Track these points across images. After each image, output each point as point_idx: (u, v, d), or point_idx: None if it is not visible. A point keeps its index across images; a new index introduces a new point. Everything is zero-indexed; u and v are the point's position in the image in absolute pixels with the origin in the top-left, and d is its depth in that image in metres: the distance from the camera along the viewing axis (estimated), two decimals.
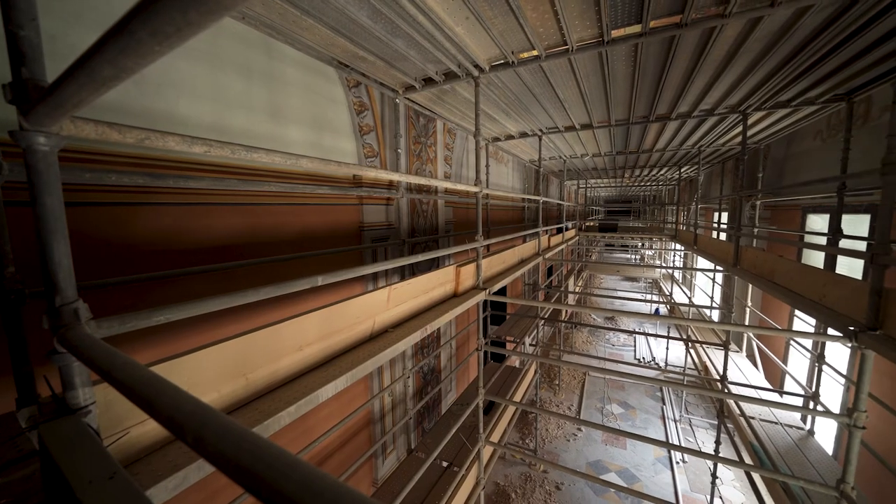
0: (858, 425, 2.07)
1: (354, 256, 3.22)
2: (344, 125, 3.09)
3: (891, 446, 3.37)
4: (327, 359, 1.59)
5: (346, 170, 1.55)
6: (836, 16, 2.28)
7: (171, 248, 1.89)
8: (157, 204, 1.83)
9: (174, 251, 1.90)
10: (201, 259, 2.01)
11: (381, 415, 3.73)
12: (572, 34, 2.49)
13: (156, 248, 1.83)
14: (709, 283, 9.78)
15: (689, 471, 6.20)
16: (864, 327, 1.97)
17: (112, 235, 1.67)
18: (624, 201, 27.74)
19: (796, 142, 5.63)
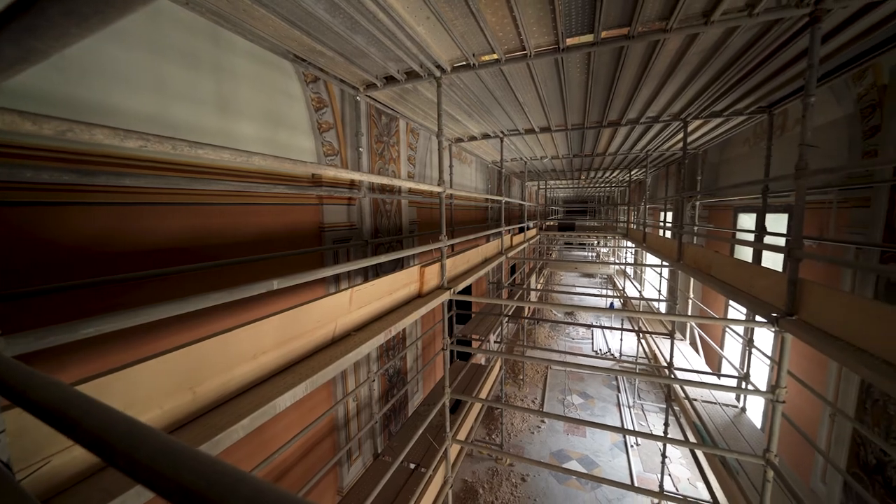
0: (780, 400, 2.34)
1: (315, 258, 3.10)
2: (301, 122, 2.97)
3: (806, 417, 3.83)
4: (286, 366, 1.51)
5: (304, 168, 1.49)
6: (759, 37, 2.55)
7: (107, 252, 1.71)
8: (89, 204, 1.65)
9: (111, 255, 1.72)
10: (143, 263, 1.84)
11: (346, 421, 3.63)
12: (530, 40, 2.57)
13: (89, 252, 1.64)
14: (657, 277, 10.56)
15: (642, 453, 6.66)
16: (784, 313, 2.22)
17: (33, 239, 1.48)
18: (581, 202, 29.16)
19: (728, 148, 6.23)
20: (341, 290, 1.85)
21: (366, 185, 3.53)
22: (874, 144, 3.03)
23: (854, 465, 3.11)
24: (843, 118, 3.38)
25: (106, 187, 1.69)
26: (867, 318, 1.66)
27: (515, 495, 5.69)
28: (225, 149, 1.10)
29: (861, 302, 1.73)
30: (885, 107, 2.91)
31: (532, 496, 5.67)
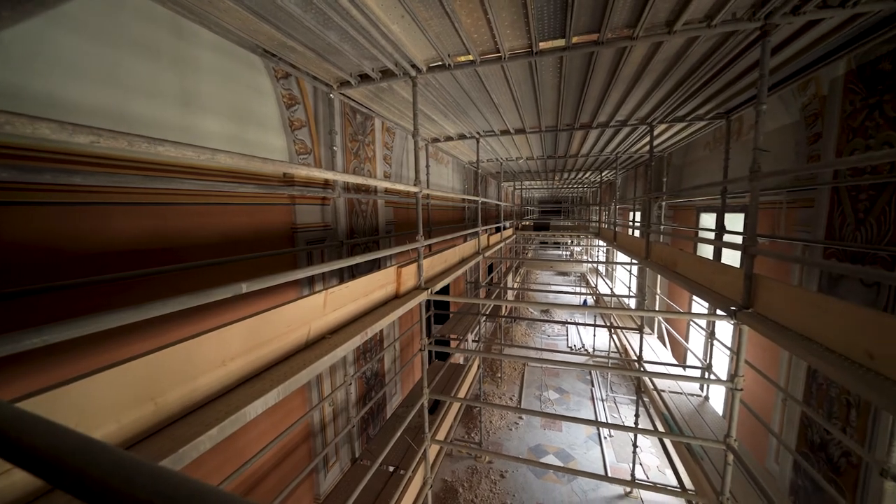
0: (738, 388, 2.50)
1: (287, 260, 3.01)
2: (272, 119, 2.87)
3: (762, 402, 4.10)
4: (256, 372, 1.46)
5: (274, 167, 1.44)
6: (717, 47, 2.71)
7: (58, 256, 1.58)
8: (33, 203, 1.52)
9: (62, 258, 1.59)
10: (97, 268, 1.72)
11: (322, 426, 3.54)
12: (504, 42, 2.61)
13: (35, 256, 1.51)
14: (627, 274, 10.99)
15: (615, 444, 6.91)
16: (741, 307, 2.37)
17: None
18: (555, 202, 29.92)
19: (691, 151, 6.58)
20: (315, 293, 1.81)
21: (340, 185, 3.46)
22: (817, 150, 3.29)
23: (803, 444, 3.37)
24: (791, 125, 3.65)
25: (53, 186, 1.57)
26: (812, 310, 1.80)
27: (495, 492, 5.75)
28: (187, 146, 1.04)
29: (807, 295, 1.88)
30: (825, 116, 3.17)
31: (511, 492, 5.76)
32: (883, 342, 1.40)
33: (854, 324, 1.55)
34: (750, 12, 2.22)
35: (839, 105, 3.02)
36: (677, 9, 2.18)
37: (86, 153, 1.67)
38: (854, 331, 1.54)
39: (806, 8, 2.13)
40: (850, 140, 2.92)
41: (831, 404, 3.02)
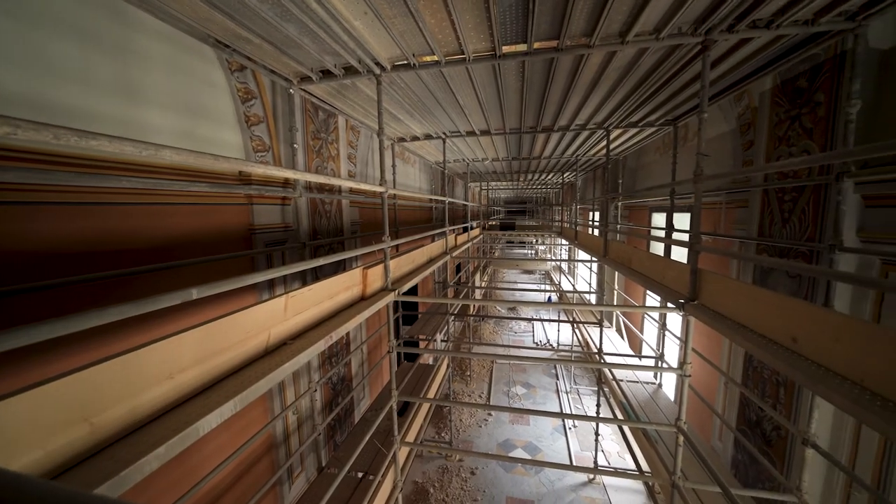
0: (686, 374, 2.70)
1: (244, 263, 2.85)
2: (225, 114, 2.70)
3: (707, 386, 4.47)
4: (210, 383, 1.37)
5: (228, 165, 1.36)
6: (664, 58, 2.91)
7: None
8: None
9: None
10: (20, 275, 1.53)
11: (286, 436, 3.39)
12: (468, 45, 2.64)
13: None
14: (587, 271, 11.52)
15: (578, 434, 7.21)
16: (688, 299, 2.57)
17: None
18: (521, 202, 30.73)
19: (644, 155, 7.02)
20: (275, 297, 1.72)
21: (302, 185, 3.33)
22: (751, 155, 3.64)
23: (742, 422, 3.70)
24: (729, 132, 4.01)
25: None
26: (746, 300, 1.99)
27: (465, 489, 5.80)
28: (125, 140, 0.95)
29: (742, 287, 2.07)
30: (756, 125, 3.51)
31: (481, 488, 5.84)
32: (803, 327, 1.57)
33: (780, 311, 1.73)
34: (692, 28, 2.41)
35: (768, 116, 3.35)
36: (629, 20, 2.32)
37: (5, 146, 1.48)
38: (780, 318, 1.72)
39: (739, 27, 2.35)
40: (777, 147, 3.25)
41: (764, 385, 3.35)
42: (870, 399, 1.20)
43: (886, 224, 2.35)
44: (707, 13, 2.25)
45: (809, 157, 1.60)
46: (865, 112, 2.39)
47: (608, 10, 2.15)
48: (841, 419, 2.65)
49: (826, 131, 2.72)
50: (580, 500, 5.57)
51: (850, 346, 1.35)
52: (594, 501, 5.54)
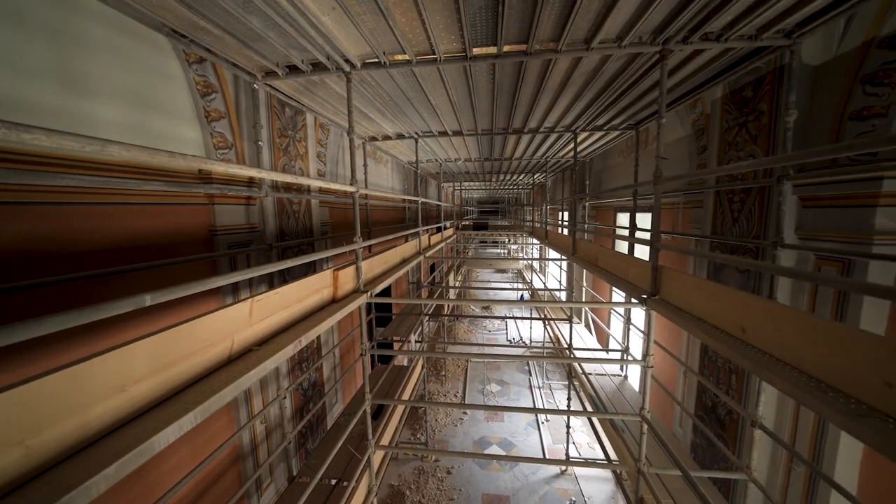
0: (649, 365, 2.85)
1: (205, 266, 2.70)
2: (183, 108, 2.55)
3: (668, 376, 4.73)
4: (168, 395, 1.28)
5: (185, 162, 1.28)
6: (626, 65, 3.05)
7: None
8: None
9: None
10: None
11: (253, 446, 3.25)
12: (439, 45, 2.64)
13: None
14: (557, 270, 11.87)
15: (551, 427, 7.42)
16: (650, 294, 2.70)
17: None
18: (493, 202, 31.18)
19: (609, 157, 7.34)
20: (240, 301, 1.64)
21: (268, 184, 3.20)
22: (705, 159, 3.89)
23: (699, 408, 3.96)
24: (685, 137, 4.27)
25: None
26: (701, 294, 2.12)
27: (441, 489, 5.81)
28: (66, 134, 0.87)
29: (698, 282, 2.21)
30: (709, 131, 3.76)
31: (457, 486, 5.86)
32: (751, 318, 1.70)
33: (731, 304, 1.86)
34: (651, 38, 2.54)
35: (719, 122, 3.60)
36: (594, 28, 2.41)
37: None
38: (731, 310, 1.85)
39: (692, 38, 2.51)
40: (727, 152, 3.50)
41: (719, 372, 3.60)
42: (806, 381, 1.32)
43: (820, 222, 2.60)
44: (664, 24, 2.38)
45: (754, 161, 1.73)
46: (801, 121, 2.62)
47: (574, 17, 2.22)
48: (784, 401, 2.90)
49: (769, 137, 2.96)
50: (553, 492, 5.73)
51: (789, 334, 1.47)
52: (567, 492, 5.72)
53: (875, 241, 2.23)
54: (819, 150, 1.33)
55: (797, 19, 2.31)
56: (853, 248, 2.35)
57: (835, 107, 2.44)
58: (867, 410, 1.12)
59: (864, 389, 1.17)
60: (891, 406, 1.08)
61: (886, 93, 2.16)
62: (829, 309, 2.52)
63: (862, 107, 2.28)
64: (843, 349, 1.25)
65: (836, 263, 2.50)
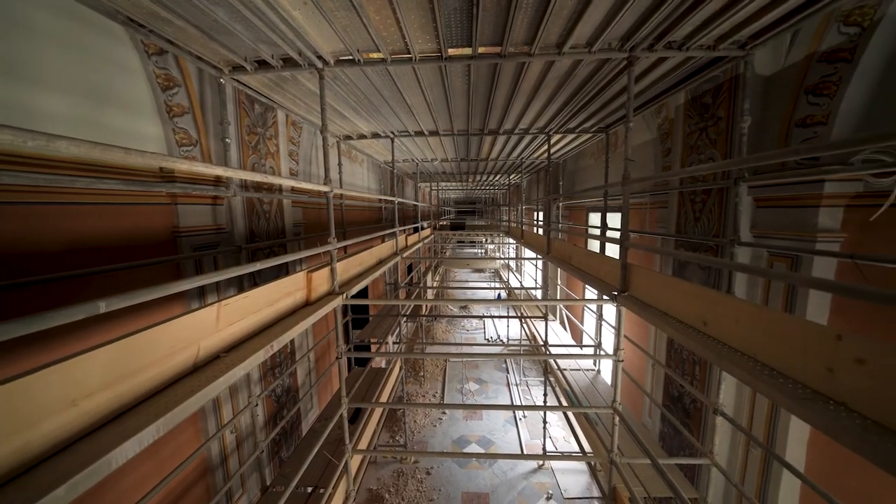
0: (620, 359, 2.96)
1: (168, 270, 2.56)
2: (141, 102, 2.40)
3: (638, 369, 4.94)
4: (126, 407, 1.20)
5: (144, 160, 1.20)
6: (596, 71, 3.16)
7: None
8: None
9: None
10: None
11: (223, 457, 3.11)
12: (414, 44, 2.63)
13: None
14: (533, 268, 12.11)
15: (528, 423, 7.55)
16: (620, 291, 2.81)
17: None
18: (470, 202, 31.37)
19: (581, 159, 7.56)
20: (207, 306, 1.57)
21: (236, 183, 3.07)
22: (669, 161, 4.09)
23: (666, 399, 4.16)
24: (651, 141, 4.47)
25: None
26: (667, 290, 2.23)
27: (421, 490, 5.78)
28: (5, 128, 0.80)
29: (664, 278, 2.32)
30: (673, 135, 3.96)
31: (437, 487, 5.86)
32: (712, 312, 1.81)
33: (694, 299, 1.96)
34: (619, 44, 2.64)
35: (682, 127, 3.80)
36: (565, 33, 2.48)
37: None
38: (694, 304, 1.95)
39: (657, 46, 2.63)
40: (689, 155, 3.70)
41: (684, 364, 3.79)
42: (760, 370, 1.41)
43: (772, 222, 2.79)
44: (631, 32, 2.48)
45: (713, 164, 1.84)
46: (755, 127, 2.81)
47: (546, 21, 2.28)
48: (742, 389, 3.09)
49: (727, 142, 3.15)
50: (531, 487, 5.84)
51: (746, 326, 1.58)
52: (544, 486, 5.84)
53: (818, 239, 2.42)
54: (768, 154, 1.43)
55: (750, 32, 2.47)
56: (800, 245, 2.54)
57: (783, 114, 2.63)
58: (812, 394, 1.21)
59: (809, 375, 1.26)
60: (832, 390, 1.18)
61: (826, 103, 2.35)
62: (780, 301, 2.71)
63: (806, 115, 2.47)
64: (791, 339, 1.35)
65: (786, 259, 2.69)
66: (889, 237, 2.16)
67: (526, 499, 5.60)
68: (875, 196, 2.19)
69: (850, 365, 1.13)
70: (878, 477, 2.18)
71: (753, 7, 2.18)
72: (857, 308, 2.33)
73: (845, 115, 2.28)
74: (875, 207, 2.17)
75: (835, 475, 2.47)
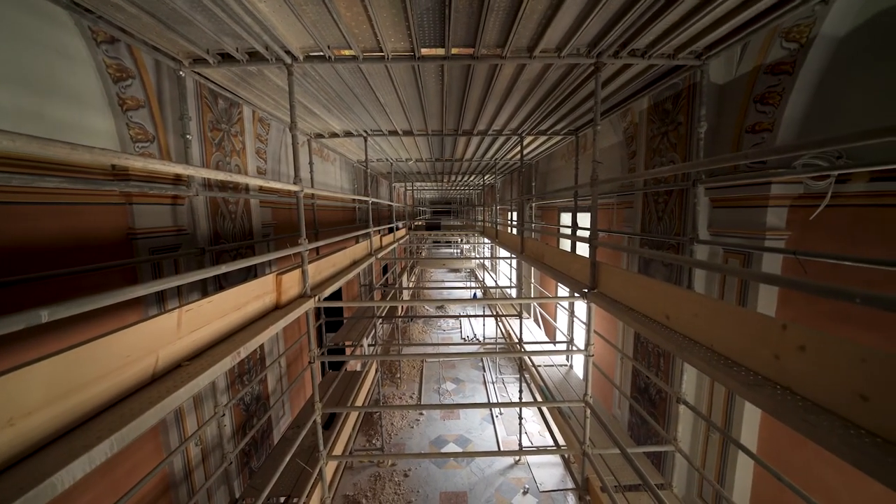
0: (591, 354, 3.06)
1: (123, 275, 2.39)
2: (90, 93, 2.23)
3: (608, 363, 5.13)
4: (75, 423, 1.11)
5: (92, 156, 1.11)
6: (566, 75, 3.25)
7: None
8: None
9: None
10: None
11: (188, 472, 2.94)
12: (387, 43, 2.60)
13: None
14: (508, 268, 12.31)
15: (505, 420, 7.67)
16: (589, 288, 2.91)
17: None
18: (446, 203, 31.42)
19: (553, 160, 7.76)
20: (165, 312, 1.48)
21: (198, 181, 2.92)
22: (634, 164, 4.28)
23: (634, 390, 4.35)
24: (617, 143, 4.66)
25: None
26: (633, 287, 2.34)
27: (399, 493, 5.73)
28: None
29: (630, 275, 2.42)
30: (637, 138, 4.15)
31: (415, 488, 5.83)
32: (674, 306, 1.91)
33: (657, 295, 2.07)
34: (587, 50, 2.74)
35: (645, 131, 3.98)
36: (536, 37, 2.54)
37: None
38: (657, 300, 2.06)
39: (622, 54, 2.74)
40: (653, 158, 3.89)
41: (649, 357, 3.98)
42: (717, 359, 1.51)
43: (727, 221, 2.98)
44: (598, 38, 2.57)
45: (673, 167, 1.95)
46: (711, 132, 3.00)
47: (517, 25, 2.32)
48: (702, 378, 3.29)
49: (686, 146, 3.34)
50: (508, 483, 5.94)
51: (704, 319, 1.68)
52: (520, 481, 5.95)
53: (767, 236, 2.62)
54: (722, 157, 1.53)
55: (704, 43, 2.63)
56: (751, 242, 2.74)
57: (735, 121, 2.82)
58: (761, 380, 1.31)
59: (759, 362, 1.36)
60: (778, 375, 1.28)
61: (772, 111, 2.55)
62: (734, 295, 2.90)
63: (755, 122, 2.67)
64: (743, 329, 1.45)
65: (739, 256, 2.89)
66: (826, 235, 2.38)
67: (503, 495, 5.69)
68: (814, 197, 2.40)
69: (793, 352, 1.22)
70: (818, 452, 2.39)
71: (707, 20, 2.33)
72: (801, 300, 2.54)
73: (789, 123, 2.48)
74: (814, 208, 2.37)
75: (782, 453, 2.68)
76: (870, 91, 2.12)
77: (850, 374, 1.05)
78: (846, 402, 1.06)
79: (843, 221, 2.27)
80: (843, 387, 1.07)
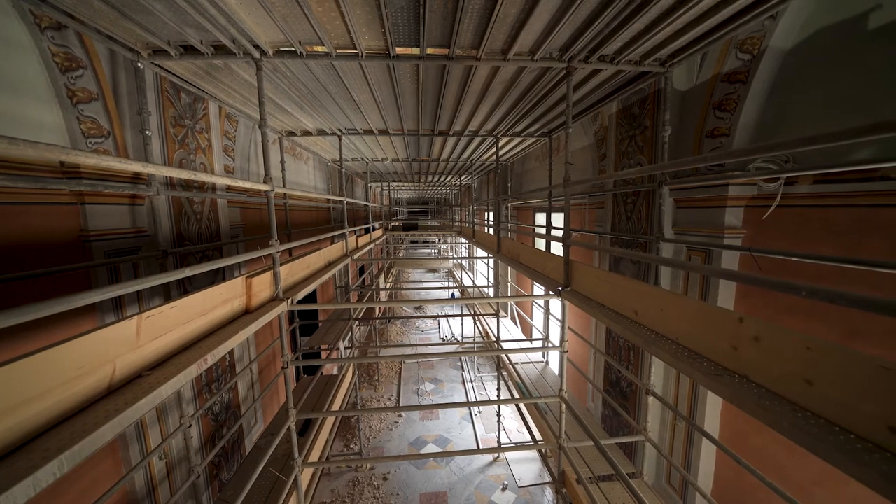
0: (565, 350, 3.15)
1: (75, 280, 2.22)
2: (35, 84, 2.05)
3: (582, 358, 5.29)
4: (19, 442, 1.02)
5: (35, 151, 1.02)
6: (539, 78, 3.32)
7: None
8: None
9: None
10: None
11: (151, 488, 2.77)
12: (361, 40, 2.56)
13: None
14: (485, 267, 12.42)
15: (483, 418, 7.74)
16: (563, 286, 2.99)
17: None
18: (423, 203, 31.32)
19: (528, 161, 7.91)
20: (123, 320, 1.38)
21: (159, 180, 2.76)
22: (604, 165, 4.44)
23: (607, 384, 4.51)
24: (589, 146, 4.81)
25: None
26: (604, 284, 2.42)
27: (378, 497, 5.66)
28: None
29: (601, 273, 2.51)
30: (607, 141, 4.31)
31: (394, 491, 5.77)
32: (642, 302, 2.00)
33: (627, 291, 2.15)
34: (559, 54, 2.81)
35: (615, 134, 4.14)
36: (510, 40, 2.58)
37: None
38: (627, 296, 2.14)
39: (592, 59, 2.84)
40: (622, 160, 4.04)
41: (620, 351, 4.14)
42: (681, 352, 1.59)
43: (690, 220, 3.15)
44: (569, 43, 2.65)
45: (640, 169, 2.03)
46: (674, 136, 3.15)
47: (492, 27, 2.34)
48: (669, 370, 3.45)
49: (652, 149, 3.50)
50: (487, 480, 6.00)
51: (669, 314, 1.76)
52: (499, 478, 6.03)
53: (725, 235, 2.79)
54: (684, 160, 1.62)
55: (668, 52, 2.77)
56: (711, 240, 2.90)
57: (696, 126, 2.98)
58: (721, 370, 1.39)
59: (719, 353, 1.45)
60: (736, 365, 1.36)
61: (728, 117, 2.72)
62: (696, 291, 3.07)
63: (713, 127, 2.83)
64: (705, 323, 1.53)
65: (701, 253, 3.06)
66: (777, 233, 2.56)
67: (483, 492, 5.74)
68: (766, 198, 2.58)
69: (749, 343, 1.31)
70: (773, 435, 2.57)
71: (670, 30, 2.45)
72: (756, 294, 2.73)
73: (743, 129, 2.66)
74: (767, 208, 2.55)
75: (742, 438, 2.86)
76: (813, 100, 2.30)
77: (797, 361, 1.14)
78: (795, 387, 1.14)
79: (791, 220, 2.46)
80: (791, 374, 1.15)
